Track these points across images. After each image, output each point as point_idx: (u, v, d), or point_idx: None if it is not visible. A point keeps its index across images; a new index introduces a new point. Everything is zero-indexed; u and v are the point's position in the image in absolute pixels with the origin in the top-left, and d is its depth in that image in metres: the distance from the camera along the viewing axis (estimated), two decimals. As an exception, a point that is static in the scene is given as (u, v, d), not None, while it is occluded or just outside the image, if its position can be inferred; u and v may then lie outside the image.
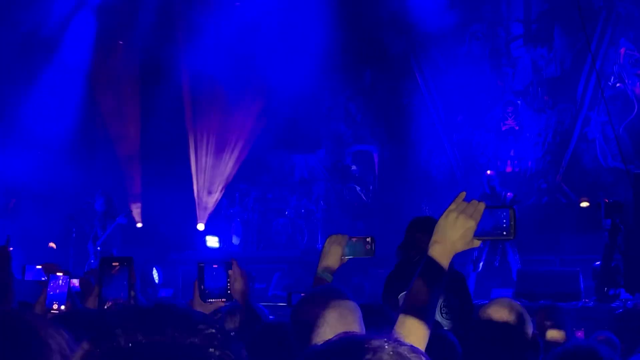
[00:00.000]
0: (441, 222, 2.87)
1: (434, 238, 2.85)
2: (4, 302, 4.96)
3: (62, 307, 4.76)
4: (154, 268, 14.21)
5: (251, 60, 17.47)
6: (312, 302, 3.39)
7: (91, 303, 4.43)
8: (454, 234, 2.84)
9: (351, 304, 3.34)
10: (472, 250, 14.42)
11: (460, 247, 2.87)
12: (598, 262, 12.52)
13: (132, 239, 15.40)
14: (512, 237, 2.93)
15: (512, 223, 2.92)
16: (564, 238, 15.44)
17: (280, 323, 4.05)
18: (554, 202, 17.38)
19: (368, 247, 3.55)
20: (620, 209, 13.02)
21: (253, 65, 17.44)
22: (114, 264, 3.97)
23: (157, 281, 14.40)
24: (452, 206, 2.89)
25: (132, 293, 3.86)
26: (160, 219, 16.83)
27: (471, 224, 2.84)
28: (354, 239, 3.48)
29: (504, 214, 2.92)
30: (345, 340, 1.83)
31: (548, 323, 6.13)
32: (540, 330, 5.88)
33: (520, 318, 4.06)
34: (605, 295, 12.24)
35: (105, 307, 4.00)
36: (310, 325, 3.23)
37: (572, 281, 12.73)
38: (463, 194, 2.94)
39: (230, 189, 17.32)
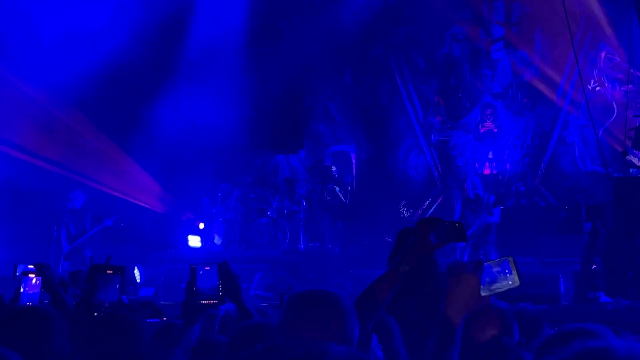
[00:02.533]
0: (448, 285, 2.97)
1: (445, 301, 2.95)
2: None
3: None
4: (136, 267, 14.14)
5: (233, 58, 17.42)
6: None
7: None
8: (461, 293, 2.96)
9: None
10: (453, 253, 14.48)
11: (471, 304, 2.99)
12: (578, 265, 12.61)
13: (111, 238, 15.33)
14: (518, 284, 3.00)
15: (514, 271, 2.98)
16: (544, 241, 15.51)
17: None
18: (532, 205, 17.47)
19: (458, 232, 3.47)
20: (601, 212, 13.13)
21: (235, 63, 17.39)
22: (108, 271, 4.19)
23: (138, 280, 14.33)
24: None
25: (136, 271, 4.10)
26: (141, 217, 16.78)
27: (474, 280, 2.93)
28: (446, 223, 3.42)
29: (505, 264, 2.99)
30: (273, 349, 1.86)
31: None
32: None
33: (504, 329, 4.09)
34: (584, 298, 12.32)
35: (95, 313, 4.12)
36: None
37: (551, 284, 12.79)
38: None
39: (212, 188, 17.27)
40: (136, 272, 14.17)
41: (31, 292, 5.04)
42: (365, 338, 3.51)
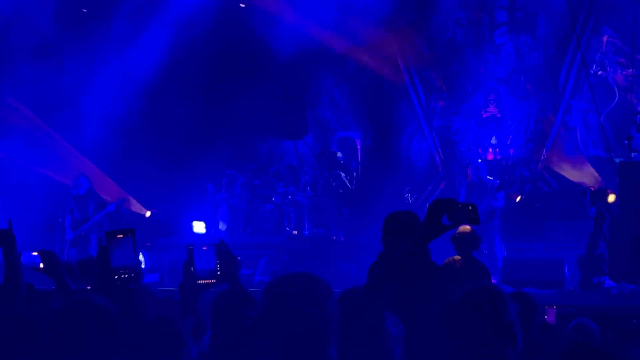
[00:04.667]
0: None
1: None
2: (12, 285, 4.98)
3: None
4: (140, 253, 14.10)
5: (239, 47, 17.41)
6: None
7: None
8: None
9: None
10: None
11: None
12: (583, 250, 12.63)
13: (116, 224, 15.30)
14: None
15: None
16: (549, 226, 15.53)
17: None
18: (536, 190, 17.47)
19: (472, 215, 3.44)
20: (606, 197, 13.13)
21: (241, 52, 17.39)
22: (118, 236, 4.29)
23: (143, 266, 14.31)
24: None
25: (141, 257, 4.14)
26: (146, 204, 16.80)
27: None
28: (459, 205, 3.39)
29: None
30: None
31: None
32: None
33: (499, 305, 4.10)
34: (589, 283, 12.34)
35: (115, 277, 4.19)
36: None
37: (556, 269, 12.82)
38: None
39: (217, 174, 17.28)
40: (141, 258, 14.14)
41: None
42: (380, 318, 3.52)
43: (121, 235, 4.33)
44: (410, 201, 17.82)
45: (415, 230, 5.58)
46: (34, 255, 5.34)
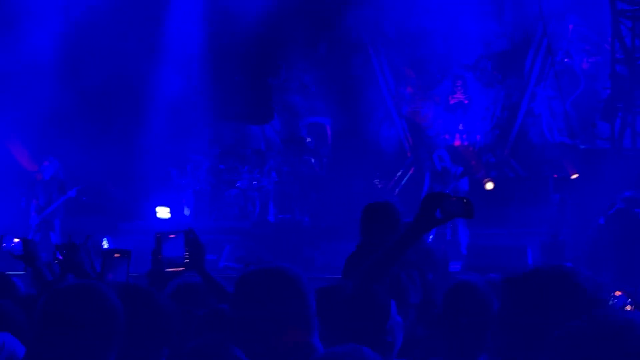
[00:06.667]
0: None
1: None
2: None
3: None
4: (105, 238, 14.02)
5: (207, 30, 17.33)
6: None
7: None
8: None
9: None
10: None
11: None
12: (546, 236, 12.73)
13: (80, 209, 15.25)
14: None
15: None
16: (513, 211, 15.57)
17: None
18: (502, 176, 17.54)
19: (466, 207, 3.46)
20: (569, 184, 13.26)
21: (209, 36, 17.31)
22: (115, 255, 4.57)
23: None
24: None
25: (105, 243, 4.26)
26: (108, 188, 16.67)
27: None
28: (453, 199, 3.42)
29: None
30: None
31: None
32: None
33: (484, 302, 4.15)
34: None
35: None
36: None
37: (519, 255, 12.91)
38: None
39: (182, 159, 17.19)
40: (105, 243, 14.05)
41: None
42: (386, 306, 3.53)
43: (118, 255, 4.56)
44: (379, 187, 17.79)
45: (393, 221, 5.59)
46: (17, 242, 5.36)
